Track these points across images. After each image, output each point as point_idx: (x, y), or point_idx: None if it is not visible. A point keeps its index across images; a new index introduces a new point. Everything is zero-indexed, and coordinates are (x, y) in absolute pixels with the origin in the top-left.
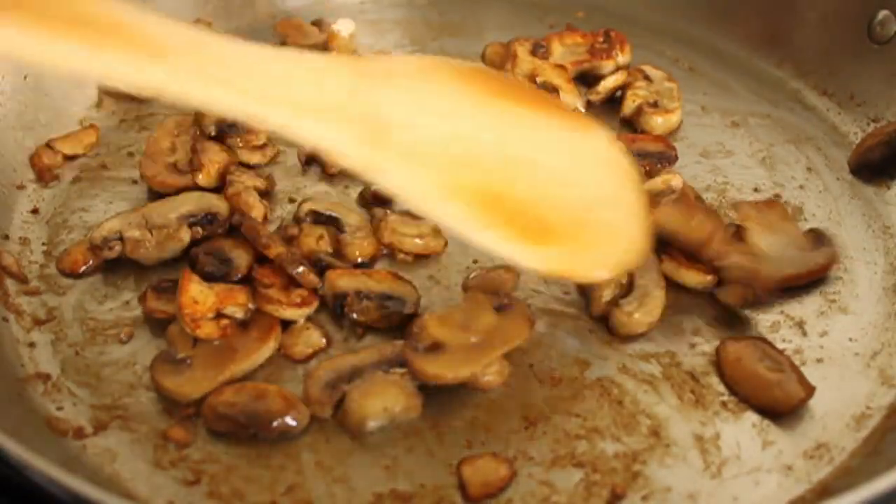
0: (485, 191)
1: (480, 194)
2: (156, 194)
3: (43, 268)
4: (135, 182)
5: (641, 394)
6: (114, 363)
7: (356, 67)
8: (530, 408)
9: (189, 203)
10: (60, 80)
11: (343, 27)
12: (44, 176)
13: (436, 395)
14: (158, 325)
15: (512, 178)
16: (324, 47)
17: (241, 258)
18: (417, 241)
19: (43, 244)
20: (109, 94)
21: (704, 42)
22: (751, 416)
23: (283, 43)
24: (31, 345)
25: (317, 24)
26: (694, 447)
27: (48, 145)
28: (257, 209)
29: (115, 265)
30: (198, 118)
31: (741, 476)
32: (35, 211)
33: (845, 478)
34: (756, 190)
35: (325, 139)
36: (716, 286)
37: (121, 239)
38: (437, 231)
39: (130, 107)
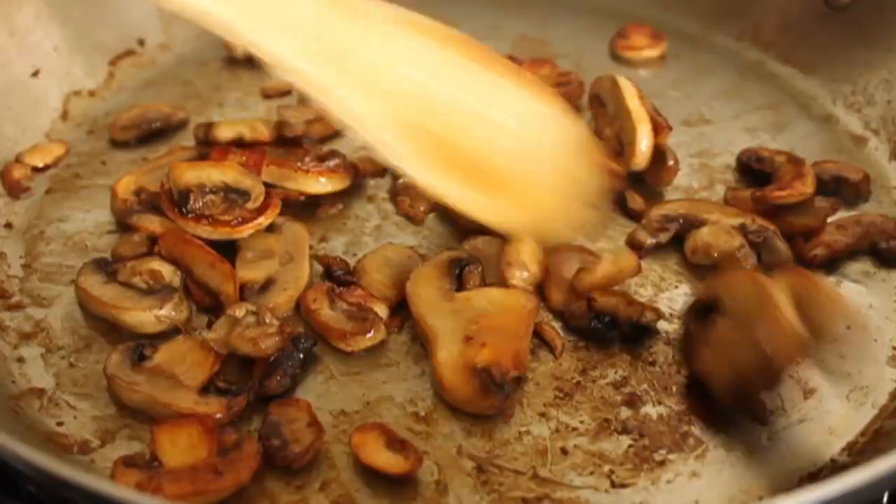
0: (434, 133)
1: (429, 135)
2: None
3: (23, 281)
4: (111, 189)
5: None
6: None
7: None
8: (562, 380)
9: None
10: (23, 95)
11: None
12: (14, 190)
13: None
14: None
15: (462, 127)
16: None
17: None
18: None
19: (20, 258)
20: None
21: (663, 22)
22: None
23: None
24: (20, 360)
25: None
26: None
27: (17, 159)
28: None
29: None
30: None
31: (791, 427)
32: (8, 225)
33: (890, 418)
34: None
35: (283, 54)
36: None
37: None
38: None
39: (98, 117)
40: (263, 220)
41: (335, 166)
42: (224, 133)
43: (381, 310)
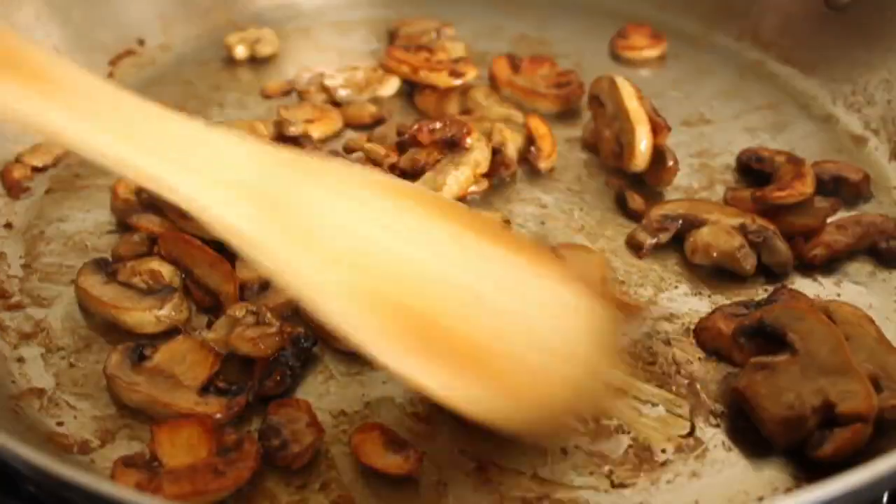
0: (396, 305)
1: (389, 307)
2: None
3: (23, 281)
4: (112, 189)
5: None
6: None
7: (279, 156)
8: None
9: None
10: None
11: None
12: (14, 190)
13: None
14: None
15: (432, 299)
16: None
17: None
18: None
19: (20, 258)
20: None
21: (663, 22)
22: None
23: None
24: (20, 360)
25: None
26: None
27: (17, 159)
28: None
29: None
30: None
31: None
32: (8, 225)
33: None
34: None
35: (227, 215)
36: None
37: None
38: None
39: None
40: None
41: None
42: None
43: None
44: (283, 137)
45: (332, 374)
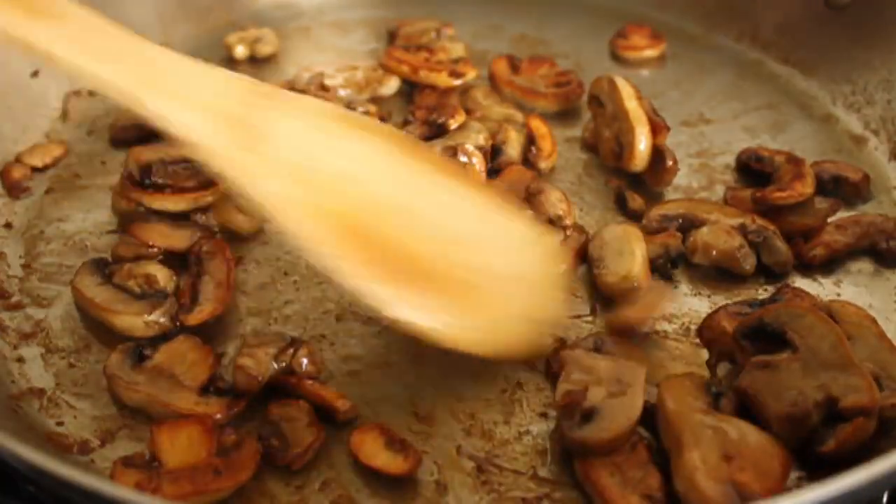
0: (351, 224)
1: (345, 225)
2: None
3: (23, 281)
4: (112, 189)
5: None
6: None
7: (257, 89)
8: None
9: None
10: (23, 95)
11: None
12: (14, 190)
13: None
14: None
15: (384, 219)
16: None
17: None
18: None
19: (20, 258)
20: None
21: (663, 22)
22: None
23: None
24: (20, 360)
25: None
26: None
27: (17, 159)
28: None
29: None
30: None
31: None
32: (8, 225)
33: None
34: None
35: (201, 135)
36: None
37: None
38: None
39: (98, 117)
40: None
41: None
42: None
43: None
44: None
45: (332, 374)
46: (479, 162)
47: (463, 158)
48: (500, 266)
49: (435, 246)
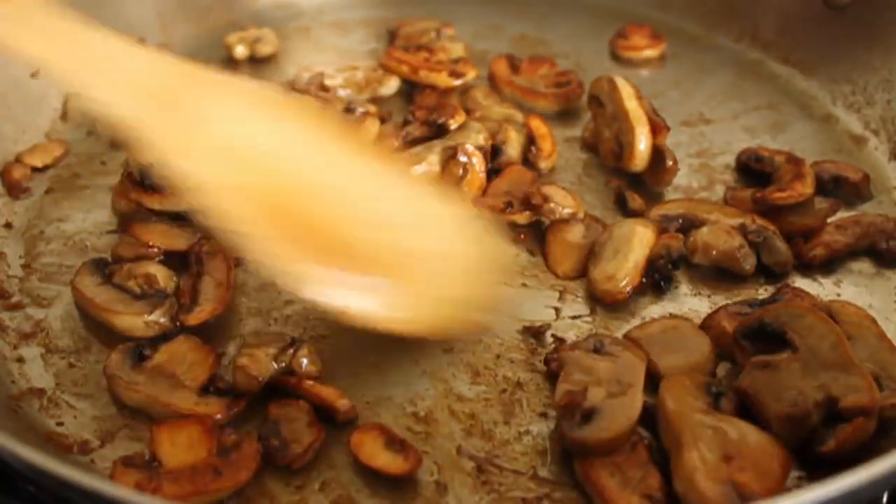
0: (274, 204)
1: (269, 206)
2: None
3: (23, 281)
4: (112, 189)
5: None
6: None
7: (188, 70)
8: None
9: None
10: (23, 95)
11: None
12: (14, 190)
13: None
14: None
15: (309, 201)
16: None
17: None
18: None
19: (20, 258)
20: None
21: (663, 22)
22: None
23: None
24: (20, 360)
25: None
26: None
27: (17, 159)
28: None
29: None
30: None
31: None
32: (8, 225)
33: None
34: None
35: (129, 115)
36: None
37: None
38: None
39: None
40: None
41: None
42: None
43: None
44: None
45: (332, 374)
46: (479, 162)
47: (463, 158)
48: (429, 247)
49: (361, 227)
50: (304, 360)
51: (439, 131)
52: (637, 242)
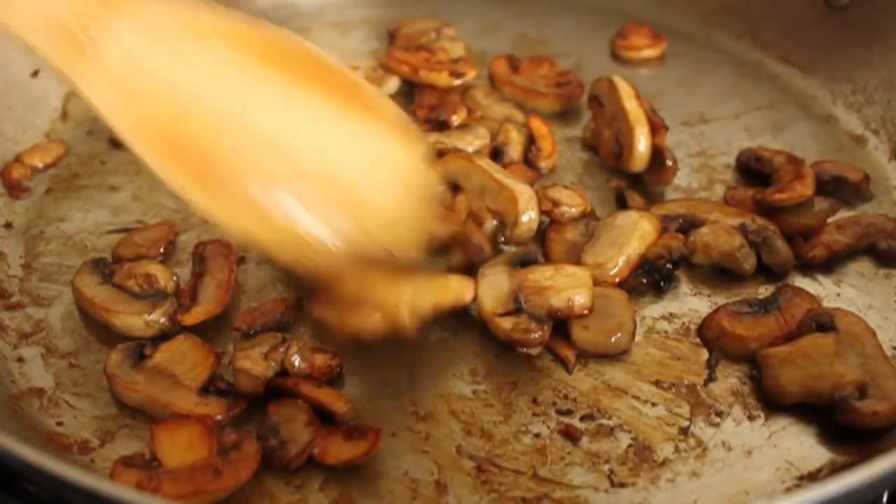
0: (184, 135)
1: (178, 136)
2: None
3: (23, 281)
4: (112, 189)
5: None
6: None
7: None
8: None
9: None
10: (23, 95)
11: None
12: (14, 190)
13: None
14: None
15: (221, 131)
16: None
17: None
18: None
19: (20, 258)
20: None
21: (663, 22)
22: None
23: None
24: (20, 360)
25: None
26: (736, 403)
27: (17, 159)
28: None
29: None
30: None
31: (789, 427)
32: (8, 225)
33: None
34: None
35: (38, 47)
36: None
37: None
38: None
39: (97, 117)
40: None
41: None
42: None
43: None
44: None
45: (331, 375)
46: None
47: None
48: (363, 177)
49: (286, 157)
50: (296, 358)
51: (441, 128)
52: (637, 237)
